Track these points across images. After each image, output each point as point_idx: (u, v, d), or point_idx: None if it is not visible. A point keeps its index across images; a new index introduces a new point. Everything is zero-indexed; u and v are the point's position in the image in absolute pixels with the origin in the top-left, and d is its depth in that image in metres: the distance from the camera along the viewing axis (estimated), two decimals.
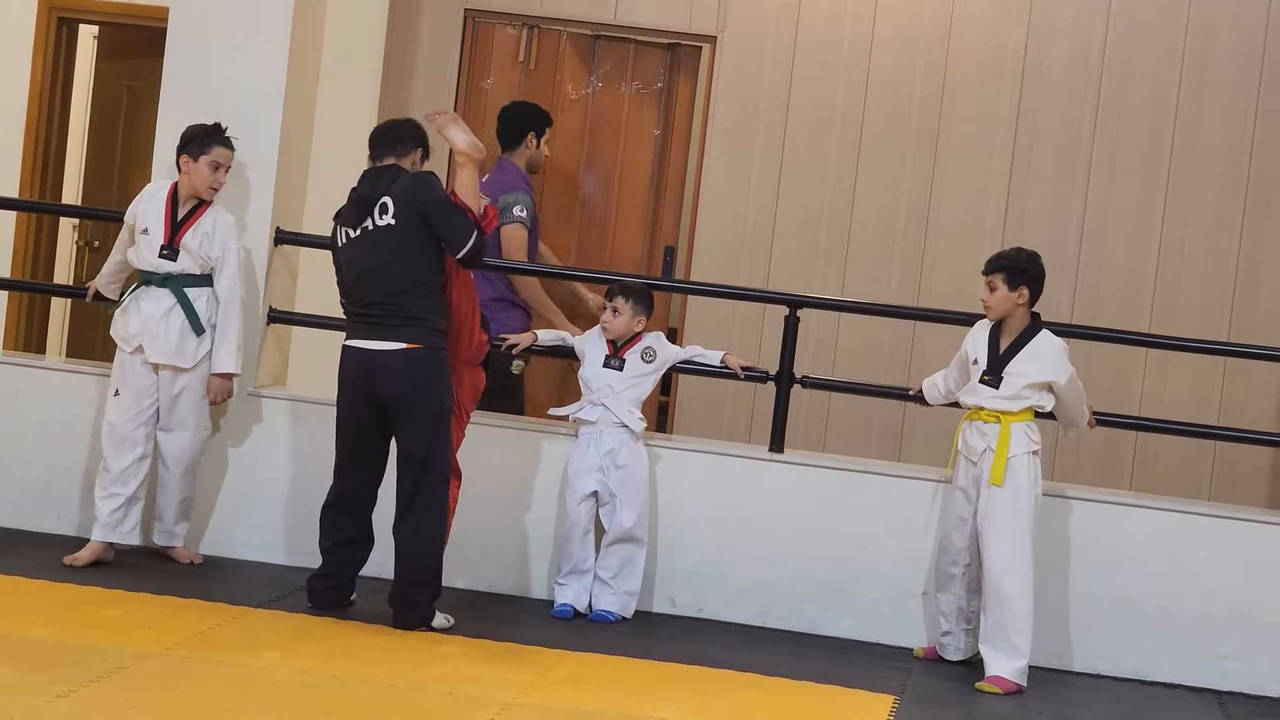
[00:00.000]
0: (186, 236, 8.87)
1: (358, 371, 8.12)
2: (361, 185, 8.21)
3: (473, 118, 11.32)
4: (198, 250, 8.86)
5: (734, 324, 11.09)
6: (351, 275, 8.17)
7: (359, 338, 8.14)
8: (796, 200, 11.22)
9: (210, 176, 8.89)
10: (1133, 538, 8.90)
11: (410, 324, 8.07)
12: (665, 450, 9.16)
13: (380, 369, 8.06)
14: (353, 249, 8.16)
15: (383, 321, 8.07)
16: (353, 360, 8.14)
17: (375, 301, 8.08)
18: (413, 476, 8.15)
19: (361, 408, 8.16)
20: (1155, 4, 11.01)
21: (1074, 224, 11.07)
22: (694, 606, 9.11)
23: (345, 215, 8.24)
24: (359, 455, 8.25)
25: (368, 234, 8.10)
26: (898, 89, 11.17)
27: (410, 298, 8.07)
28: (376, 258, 8.08)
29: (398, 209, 8.05)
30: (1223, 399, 10.92)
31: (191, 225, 8.89)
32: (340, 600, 8.35)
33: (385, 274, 8.07)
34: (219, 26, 9.36)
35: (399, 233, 8.05)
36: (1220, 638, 8.80)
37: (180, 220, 8.90)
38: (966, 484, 8.49)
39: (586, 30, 11.41)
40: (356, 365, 8.12)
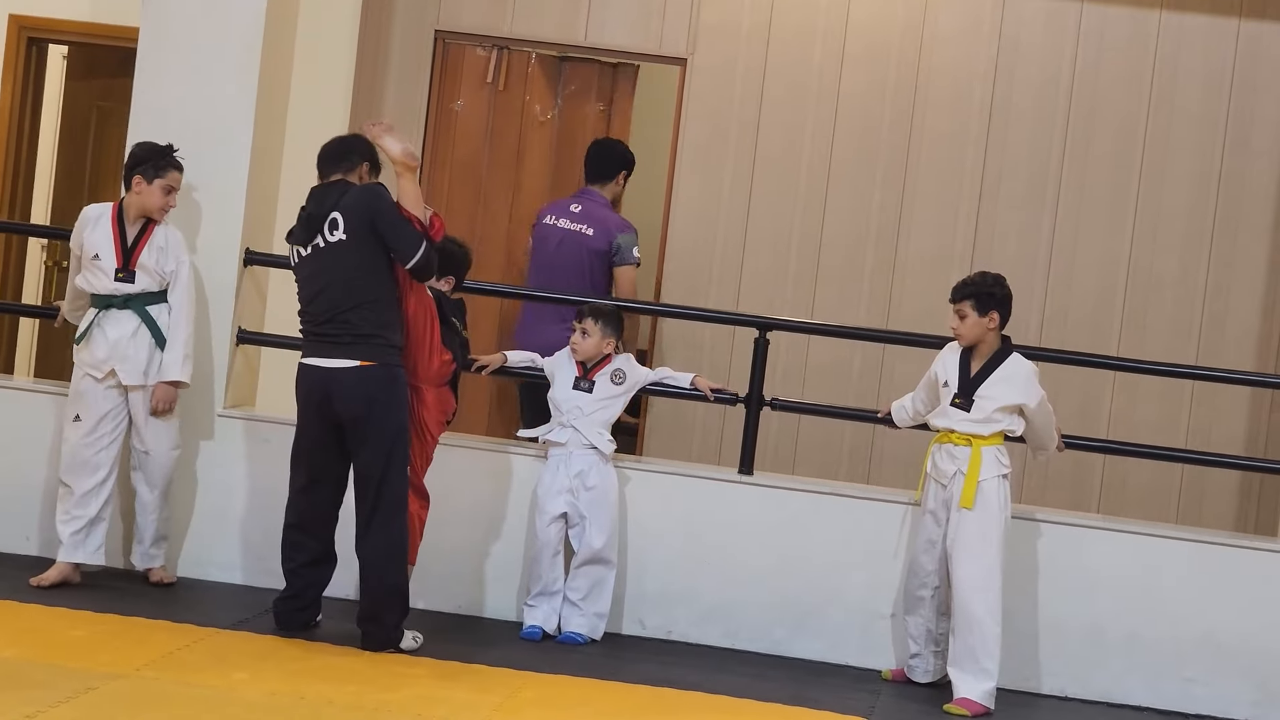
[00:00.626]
0: (142, 256, 8.85)
1: (313, 390, 8.13)
2: (310, 203, 8.21)
3: (443, 138, 11.33)
4: (154, 267, 8.85)
5: (704, 346, 11.09)
6: (306, 293, 8.19)
7: (314, 356, 8.14)
8: (766, 222, 11.23)
9: (163, 199, 8.89)
10: (1101, 561, 8.92)
11: (363, 341, 8.05)
12: (635, 472, 9.16)
13: (335, 387, 8.06)
14: (305, 267, 8.17)
15: (336, 339, 8.06)
16: (308, 378, 8.15)
17: (329, 319, 8.08)
18: (371, 495, 8.12)
19: (319, 426, 8.16)
20: (1124, 28, 11.05)
21: (1043, 247, 11.09)
22: (663, 628, 9.11)
23: (296, 234, 8.24)
24: (320, 474, 8.24)
25: (319, 251, 8.10)
26: (868, 111, 11.20)
27: (363, 313, 8.06)
28: (330, 275, 8.08)
29: (348, 223, 8.04)
30: (1191, 422, 10.94)
31: (145, 244, 8.87)
32: (307, 622, 8.34)
33: (338, 290, 8.06)
34: (189, 47, 9.35)
35: (351, 247, 8.04)
36: (1188, 661, 8.83)
37: (133, 242, 8.88)
38: (936, 507, 8.50)
39: (556, 52, 11.41)
40: (312, 384, 8.13)
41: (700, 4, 11.20)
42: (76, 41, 12.33)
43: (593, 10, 11.25)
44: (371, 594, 8.14)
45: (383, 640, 8.14)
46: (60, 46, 12.56)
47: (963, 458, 8.40)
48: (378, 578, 8.12)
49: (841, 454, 11.06)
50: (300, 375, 8.20)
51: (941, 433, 8.52)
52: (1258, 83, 10.94)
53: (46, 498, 9.30)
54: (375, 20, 11.18)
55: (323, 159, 8.34)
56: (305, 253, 8.15)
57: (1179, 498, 10.94)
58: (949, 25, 11.15)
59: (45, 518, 9.28)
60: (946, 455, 8.46)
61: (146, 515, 9.02)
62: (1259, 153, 10.94)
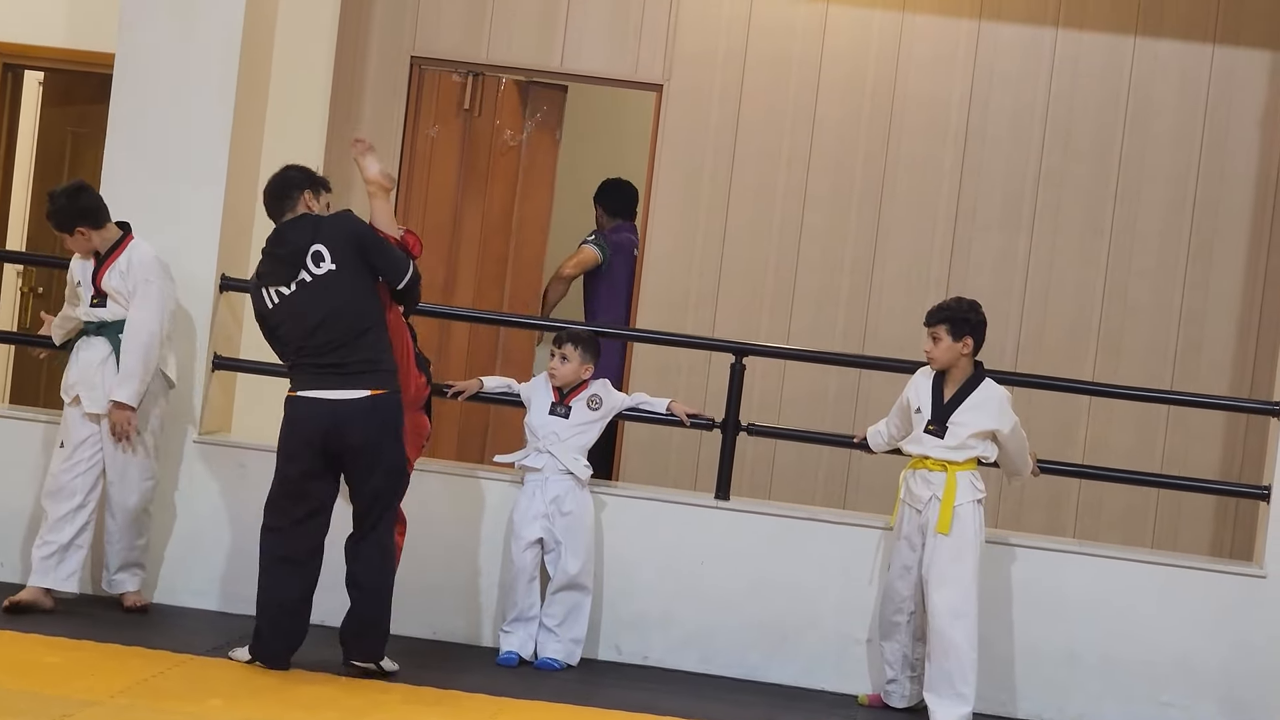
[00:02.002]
0: (105, 279, 8.85)
1: (319, 422, 7.98)
2: (282, 243, 8.12)
3: (419, 164, 11.33)
4: (118, 291, 8.84)
5: (680, 371, 11.10)
6: (297, 328, 8.04)
7: (315, 388, 8.01)
8: (743, 248, 11.24)
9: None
10: (1077, 585, 8.93)
11: (371, 369, 8.02)
12: (611, 497, 9.16)
13: (349, 418, 7.97)
14: (292, 305, 8.04)
15: (342, 369, 7.98)
16: (312, 411, 8.00)
17: (333, 349, 7.98)
18: (375, 516, 8.12)
19: (319, 458, 8.04)
20: (1099, 55, 11.09)
21: (1018, 272, 11.12)
22: (639, 654, 9.10)
23: (270, 275, 8.10)
24: (319, 506, 8.11)
25: (306, 286, 8.01)
26: (843, 138, 11.22)
27: (368, 340, 8.03)
28: (327, 306, 7.99)
29: (335, 253, 8.00)
30: (1166, 447, 10.96)
31: (108, 267, 8.87)
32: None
33: (339, 320, 7.99)
34: (165, 73, 9.35)
35: (343, 276, 8.01)
36: (1163, 685, 8.84)
37: (99, 264, 8.89)
38: (911, 532, 8.50)
39: (534, 79, 11.42)
40: (317, 416, 7.98)
41: (676, 30, 11.22)
42: (52, 68, 12.31)
43: (568, 36, 11.26)
44: (372, 603, 8.11)
45: (377, 649, 8.15)
46: (36, 72, 12.54)
47: (938, 483, 8.41)
48: (375, 589, 8.12)
49: (817, 479, 11.06)
50: (300, 408, 8.04)
51: (916, 458, 8.53)
52: (1232, 108, 10.99)
53: (23, 525, 9.28)
54: (351, 46, 11.19)
55: (270, 199, 8.28)
56: (288, 290, 8.03)
57: (1155, 522, 10.95)
58: (924, 52, 11.18)
59: (21, 545, 9.26)
60: (921, 480, 8.47)
61: (112, 543, 8.99)
62: (1234, 178, 10.98)
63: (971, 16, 11.15)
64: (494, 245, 11.33)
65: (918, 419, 8.51)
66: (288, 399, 8.11)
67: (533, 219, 11.31)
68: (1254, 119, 11.00)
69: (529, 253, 11.41)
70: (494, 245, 11.33)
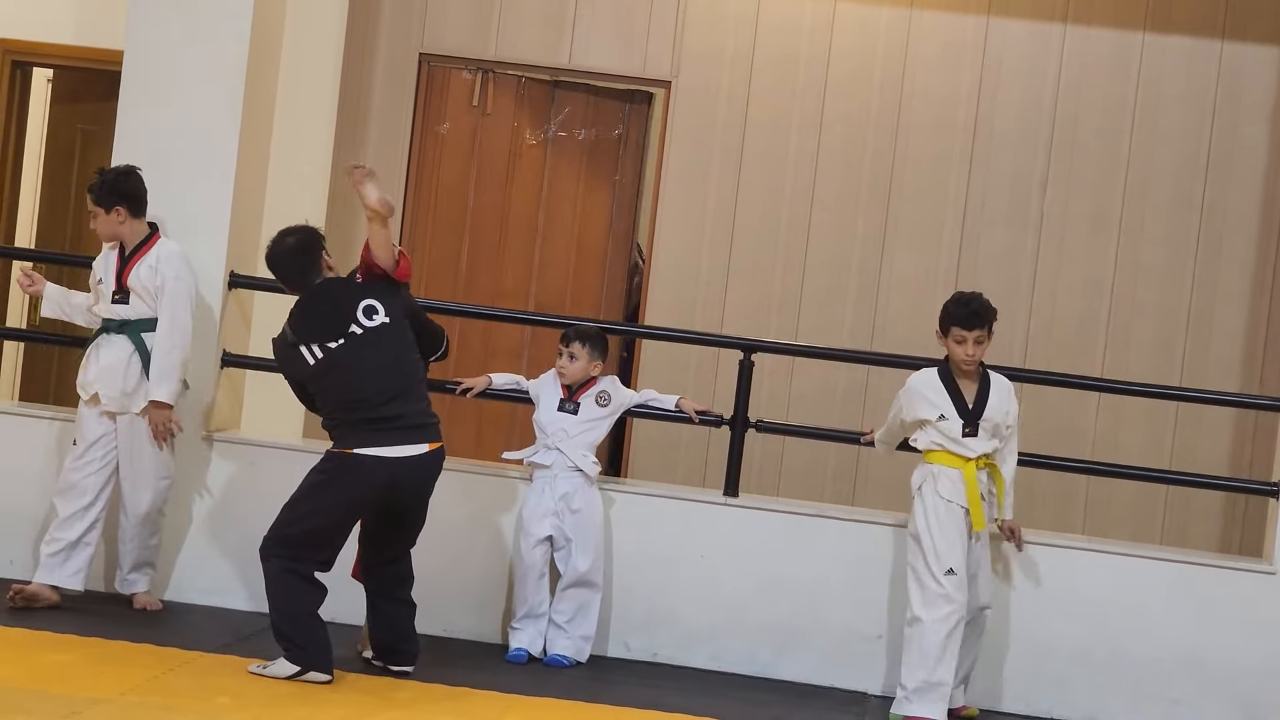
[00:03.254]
0: (131, 276, 8.85)
1: (381, 480, 7.90)
2: (326, 300, 8.05)
3: (429, 162, 11.34)
4: (144, 288, 8.83)
5: (689, 368, 11.10)
6: (347, 380, 7.95)
7: (375, 445, 7.89)
8: (751, 245, 11.25)
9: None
10: (1085, 582, 8.92)
11: (428, 422, 8.03)
12: (620, 494, 9.16)
13: (410, 474, 7.95)
14: (340, 357, 7.95)
15: (401, 421, 7.94)
16: (376, 470, 7.88)
17: (389, 401, 7.92)
18: (409, 545, 8.24)
19: (361, 511, 8.02)
20: (1106, 50, 11.09)
21: (1026, 269, 11.12)
22: (648, 651, 9.10)
23: (309, 332, 8.01)
24: (339, 544, 8.05)
25: (357, 339, 7.95)
26: (851, 135, 11.22)
27: (419, 391, 8.05)
28: (381, 357, 7.96)
29: (389, 309, 8.00)
30: (1175, 443, 10.96)
31: (135, 264, 8.87)
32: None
33: (399, 371, 7.98)
34: (173, 71, 9.35)
35: (396, 330, 8.01)
36: (1172, 681, 8.83)
37: (125, 261, 8.89)
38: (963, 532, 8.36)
39: (543, 75, 11.43)
40: (379, 474, 7.88)
41: (684, 28, 11.23)
42: (61, 65, 12.32)
43: (577, 34, 11.28)
44: (412, 612, 8.23)
45: (417, 652, 8.22)
46: (45, 70, 12.56)
47: (985, 480, 8.34)
48: (409, 601, 8.22)
49: (826, 476, 11.07)
50: (358, 465, 7.89)
51: (980, 458, 8.36)
52: (1240, 104, 11.00)
53: (32, 523, 9.28)
54: (359, 43, 11.20)
55: (295, 262, 8.15)
56: (335, 345, 7.95)
57: (1164, 518, 10.96)
58: (932, 50, 11.19)
59: (31, 543, 9.25)
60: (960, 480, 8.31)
61: (125, 542, 8.99)
62: (1242, 173, 10.99)
63: (979, 12, 11.16)
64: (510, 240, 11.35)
65: (945, 425, 8.35)
66: (337, 455, 7.95)
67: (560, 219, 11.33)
68: (1262, 114, 11.01)
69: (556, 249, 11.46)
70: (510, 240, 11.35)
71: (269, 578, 7.94)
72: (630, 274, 11.71)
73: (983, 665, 8.68)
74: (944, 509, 8.28)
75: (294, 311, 8.14)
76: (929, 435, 8.39)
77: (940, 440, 8.33)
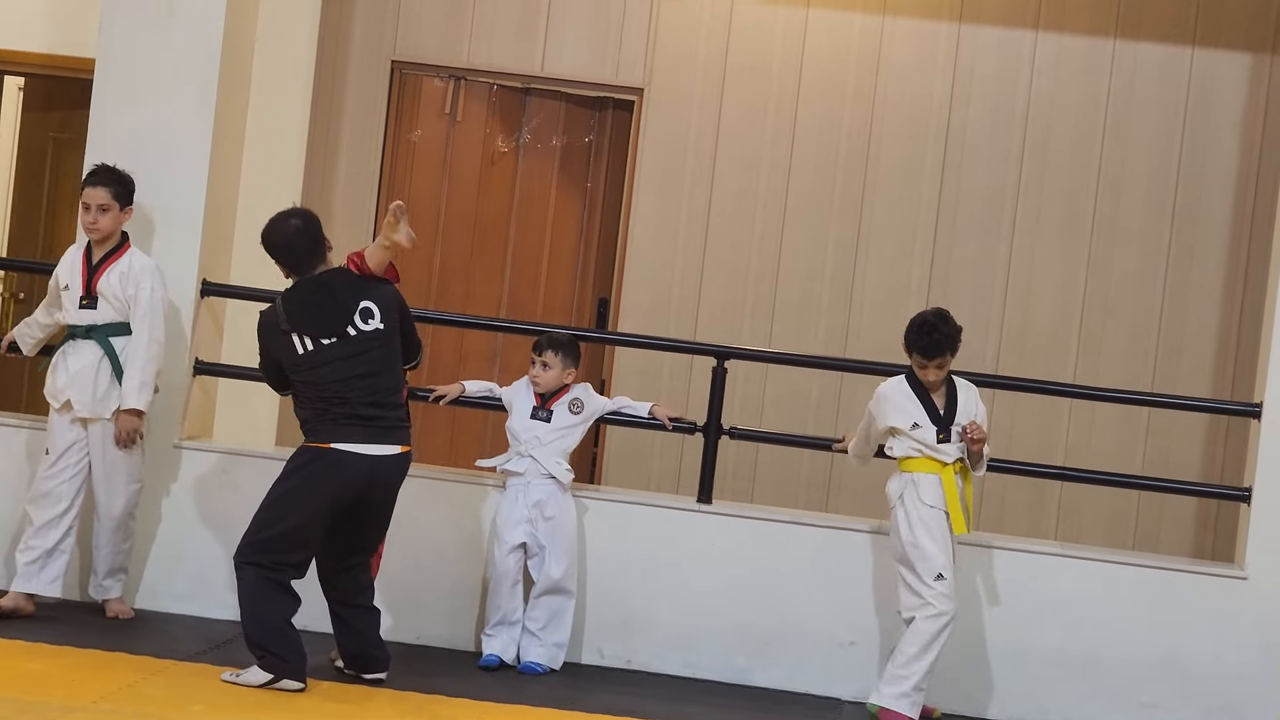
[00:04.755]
0: (101, 282, 8.82)
1: (356, 476, 7.90)
2: (328, 294, 7.99)
3: (401, 169, 11.34)
4: (114, 295, 8.80)
5: (662, 375, 11.11)
6: (334, 378, 7.93)
7: (356, 441, 7.90)
8: (724, 252, 11.26)
9: (83, 217, 8.85)
10: (1059, 587, 8.93)
11: (402, 425, 8.06)
12: (593, 501, 9.15)
13: (382, 473, 7.97)
14: (330, 355, 7.93)
15: (380, 423, 7.95)
16: (351, 466, 7.88)
17: (372, 403, 7.94)
18: (369, 552, 8.22)
19: (335, 507, 7.96)
20: (1078, 57, 11.12)
21: (999, 276, 11.14)
22: (622, 658, 9.10)
23: (306, 322, 7.95)
24: (314, 545, 8.01)
25: (350, 340, 7.92)
26: (823, 143, 11.24)
27: (398, 397, 8.07)
28: (372, 361, 7.95)
29: (384, 315, 7.98)
30: (1147, 449, 10.99)
31: (106, 269, 8.84)
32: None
33: (383, 378, 7.97)
34: (145, 78, 9.33)
35: (388, 336, 8.00)
36: (1147, 686, 8.84)
37: (95, 266, 8.86)
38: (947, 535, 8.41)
39: (515, 83, 11.43)
40: (355, 471, 7.89)
41: (656, 35, 11.24)
42: (33, 73, 12.29)
43: (549, 41, 11.28)
44: (374, 622, 8.20)
45: (388, 659, 8.21)
46: (16, 78, 12.53)
47: (961, 485, 8.37)
48: (373, 608, 8.21)
49: (800, 482, 11.08)
50: (337, 460, 7.89)
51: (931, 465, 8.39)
52: (1212, 110, 11.03)
53: (8, 530, 9.25)
54: (332, 50, 11.19)
55: (295, 254, 8.06)
56: (328, 341, 7.93)
57: (1136, 524, 10.99)
58: (904, 56, 11.21)
59: (9, 550, 9.22)
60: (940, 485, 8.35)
61: (100, 548, 8.97)
62: (1213, 180, 11.03)
63: (951, 19, 11.18)
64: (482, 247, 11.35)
65: (919, 432, 8.37)
66: (314, 449, 7.93)
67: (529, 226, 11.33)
68: (1234, 121, 11.04)
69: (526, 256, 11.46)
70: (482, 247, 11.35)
71: (243, 585, 7.92)
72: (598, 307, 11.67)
73: (958, 670, 8.69)
74: (928, 515, 8.31)
75: (290, 295, 8.08)
76: (904, 443, 8.40)
77: (918, 447, 8.36)
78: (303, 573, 7.98)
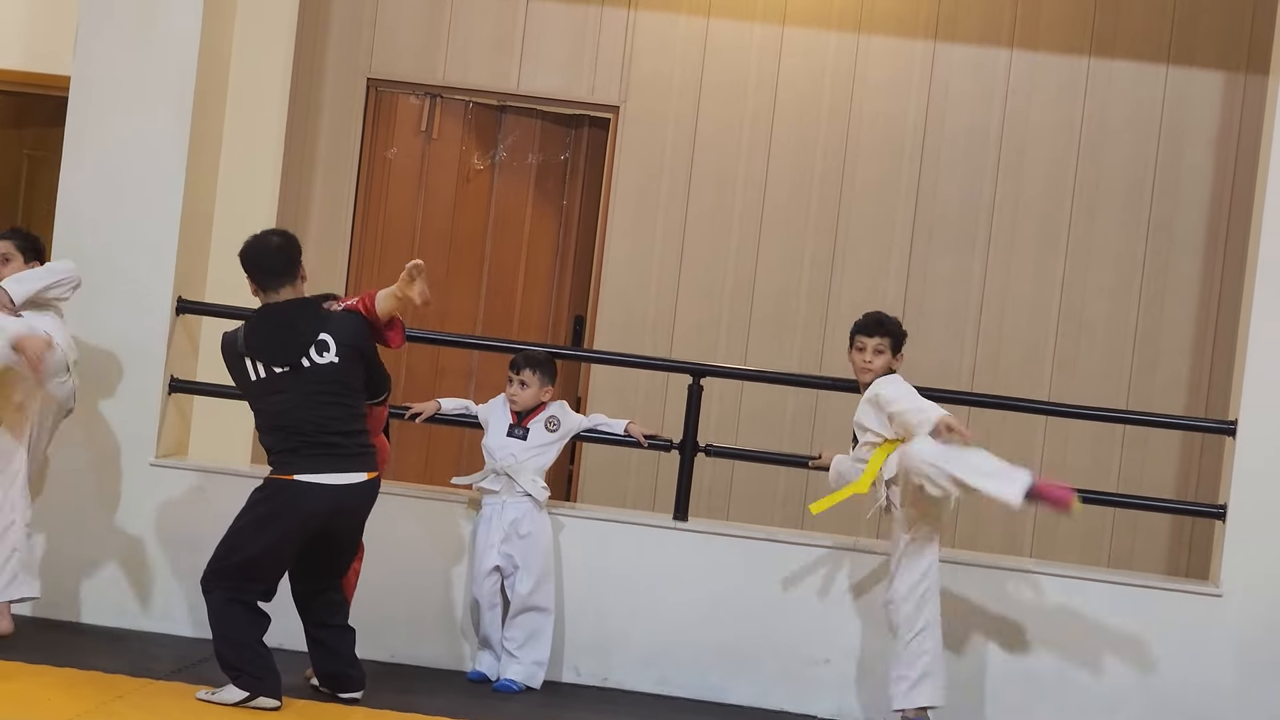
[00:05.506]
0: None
1: (319, 505, 7.87)
2: (285, 324, 7.95)
3: (377, 187, 11.34)
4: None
5: (638, 393, 11.12)
6: (286, 407, 7.91)
7: (318, 472, 7.86)
8: (700, 270, 11.28)
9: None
10: (1033, 604, 8.95)
11: (365, 452, 7.99)
12: (569, 519, 9.15)
13: (347, 501, 7.93)
14: (281, 385, 7.91)
15: (339, 450, 7.91)
16: (314, 496, 7.85)
17: (326, 433, 7.90)
18: (340, 574, 8.20)
19: (300, 537, 7.92)
20: (1053, 75, 11.16)
21: (974, 294, 11.16)
22: (598, 675, 9.09)
23: (261, 350, 7.93)
24: (279, 573, 8.00)
25: (303, 371, 7.89)
26: (799, 161, 11.26)
27: (358, 425, 8.01)
28: (324, 394, 7.90)
29: (341, 349, 7.94)
30: (1122, 466, 11.01)
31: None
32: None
33: (337, 409, 7.92)
34: (121, 95, 9.33)
35: (342, 369, 7.93)
36: (1120, 703, 8.85)
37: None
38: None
39: (490, 100, 11.44)
40: (318, 500, 7.85)
41: (632, 53, 11.25)
42: (8, 90, 12.26)
43: (525, 59, 11.29)
44: (349, 641, 8.17)
45: (363, 678, 8.18)
46: None
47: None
48: (348, 627, 8.18)
49: (776, 499, 11.08)
50: (299, 492, 7.85)
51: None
52: (1186, 128, 11.07)
53: None
54: (308, 68, 11.19)
55: (272, 263, 8.02)
56: (280, 370, 7.90)
57: (1111, 542, 11.00)
58: (879, 75, 11.23)
59: None
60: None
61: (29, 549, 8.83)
62: (1188, 198, 11.06)
63: (926, 38, 11.21)
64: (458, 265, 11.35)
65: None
66: (278, 482, 7.91)
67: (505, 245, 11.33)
68: (1207, 139, 11.08)
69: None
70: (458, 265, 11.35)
71: (211, 609, 7.91)
72: (574, 324, 11.67)
73: None
74: None
75: (252, 319, 8.07)
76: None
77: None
78: (269, 597, 7.97)
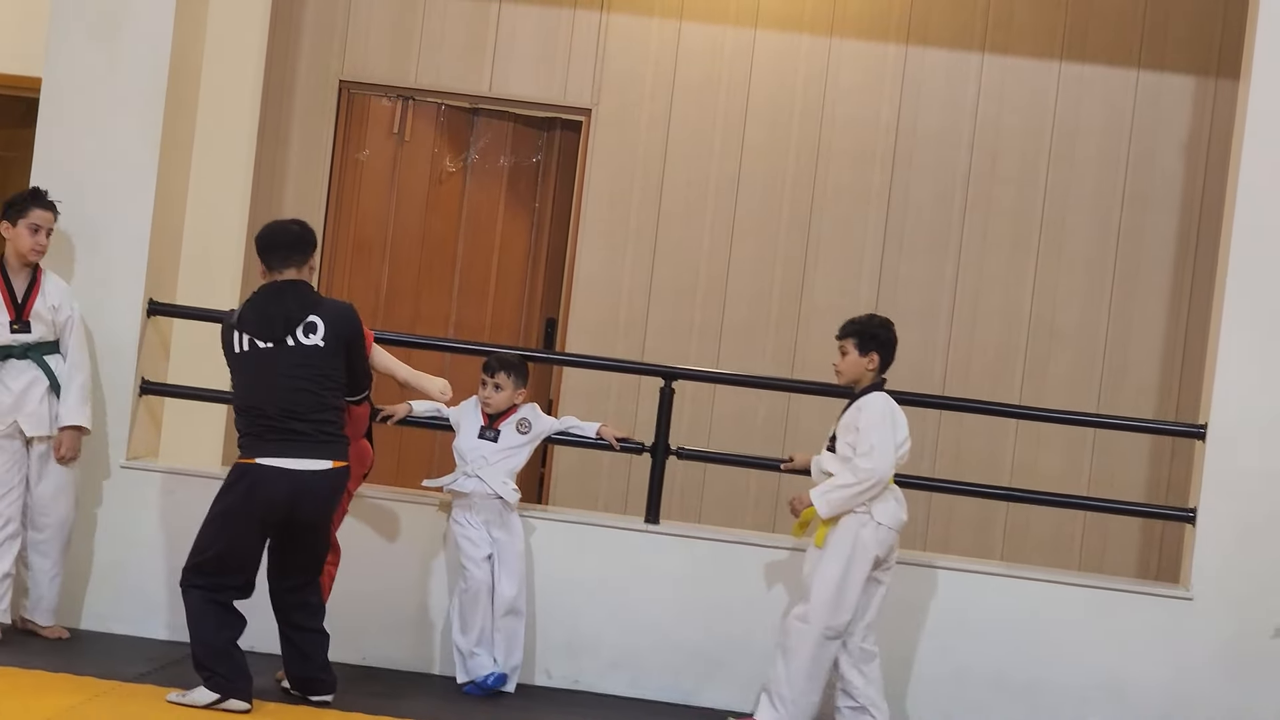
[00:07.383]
0: (36, 305, 8.76)
1: (278, 490, 7.84)
2: (279, 302, 7.96)
3: (349, 189, 11.32)
4: (49, 316, 8.77)
5: (610, 395, 11.11)
6: (262, 385, 7.91)
7: (281, 456, 7.85)
8: (672, 273, 11.28)
9: (30, 239, 8.76)
10: (1004, 608, 8.96)
11: (334, 441, 7.96)
12: (541, 521, 9.14)
13: (309, 488, 7.88)
14: (263, 360, 7.90)
15: (306, 438, 7.88)
16: (274, 481, 7.83)
17: (296, 419, 7.88)
18: (313, 570, 8.14)
19: (265, 524, 7.91)
20: (1024, 80, 11.18)
21: (945, 297, 11.18)
22: (570, 678, 9.09)
23: (251, 324, 7.95)
24: (253, 565, 8.01)
25: (287, 350, 7.89)
26: (771, 163, 11.27)
27: (332, 414, 7.97)
28: (302, 377, 7.89)
29: (329, 333, 7.92)
30: (1092, 470, 11.03)
31: (38, 294, 8.79)
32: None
33: (310, 394, 7.89)
34: (92, 97, 9.30)
35: (326, 354, 7.92)
36: (1090, 707, 8.87)
37: (25, 292, 8.78)
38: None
39: (463, 103, 11.44)
40: (278, 485, 7.83)
41: (604, 56, 11.25)
42: None
43: (497, 61, 11.29)
44: (325, 641, 8.15)
45: (334, 682, 8.16)
46: None
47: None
48: (322, 631, 8.14)
49: (747, 502, 11.09)
50: (261, 477, 7.85)
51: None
52: (1157, 133, 11.10)
53: None
54: (279, 70, 11.17)
55: (279, 247, 8.06)
56: (264, 345, 7.90)
57: (1081, 545, 11.03)
58: (851, 78, 11.25)
59: None
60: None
61: (43, 571, 8.86)
62: (1158, 202, 11.10)
63: (899, 41, 11.23)
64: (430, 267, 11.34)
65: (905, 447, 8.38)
66: (243, 466, 7.90)
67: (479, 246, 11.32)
68: (1178, 144, 11.11)
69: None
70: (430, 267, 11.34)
71: (189, 608, 7.91)
72: (546, 327, 11.66)
73: (900, 691, 8.71)
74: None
75: (251, 296, 8.10)
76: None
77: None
78: (247, 593, 7.95)
